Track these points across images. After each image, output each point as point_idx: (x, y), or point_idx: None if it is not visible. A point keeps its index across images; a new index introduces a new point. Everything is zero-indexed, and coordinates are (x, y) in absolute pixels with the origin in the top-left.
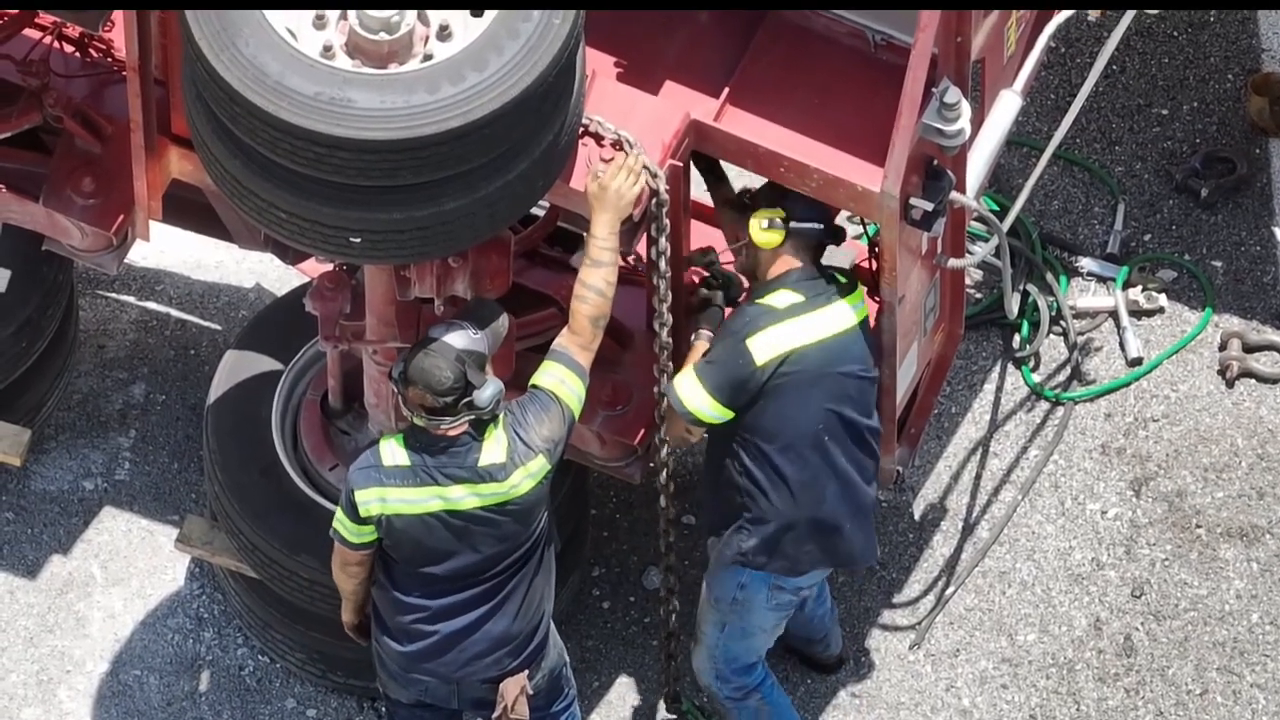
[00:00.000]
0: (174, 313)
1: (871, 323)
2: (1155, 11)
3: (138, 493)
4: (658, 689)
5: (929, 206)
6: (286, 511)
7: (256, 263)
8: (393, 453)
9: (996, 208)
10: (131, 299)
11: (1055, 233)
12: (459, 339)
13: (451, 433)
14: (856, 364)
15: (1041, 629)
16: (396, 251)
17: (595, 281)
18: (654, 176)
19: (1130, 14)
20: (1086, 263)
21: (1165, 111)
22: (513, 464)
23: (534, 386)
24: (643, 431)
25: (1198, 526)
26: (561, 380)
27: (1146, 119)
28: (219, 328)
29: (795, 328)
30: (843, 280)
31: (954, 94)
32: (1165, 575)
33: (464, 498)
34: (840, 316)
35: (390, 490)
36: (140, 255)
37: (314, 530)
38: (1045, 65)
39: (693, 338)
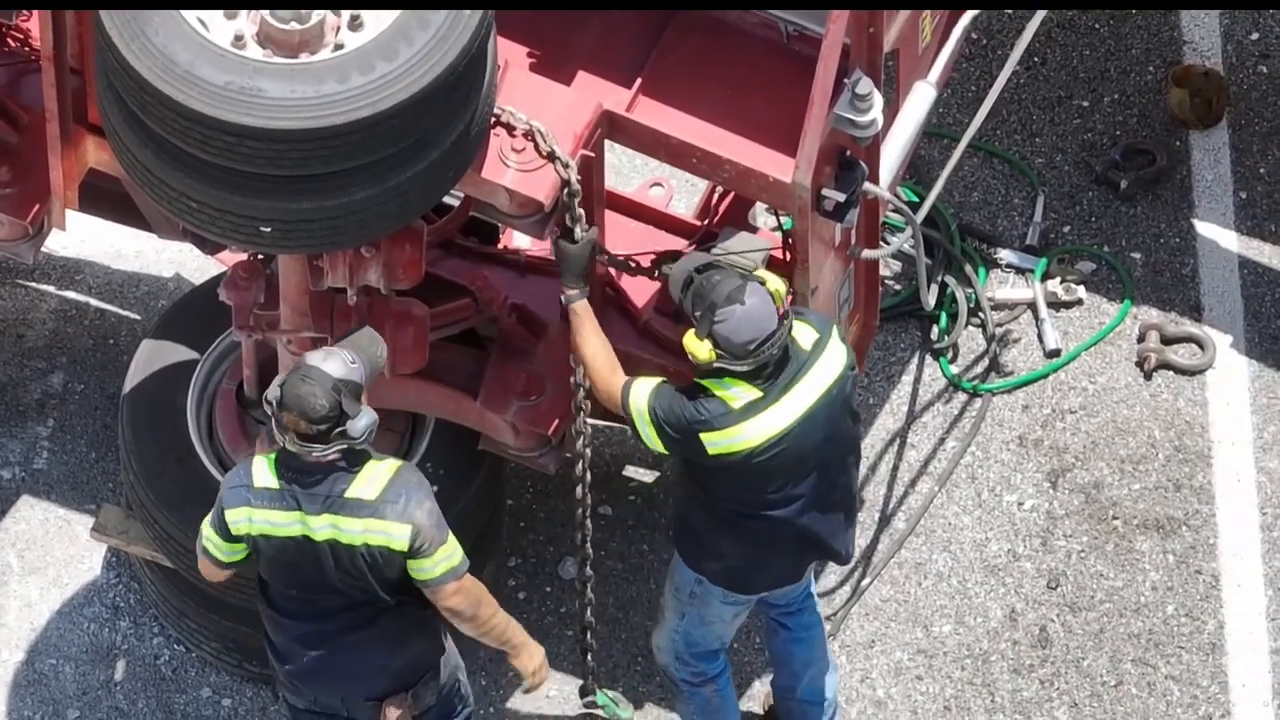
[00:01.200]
0: (93, 302)
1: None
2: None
3: (55, 482)
4: (573, 679)
5: (841, 198)
6: (201, 501)
7: (176, 252)
8: (263, 474)
9: (915, 199)
10: (51, 288)
11: (974, 224)
12: (336, 367)
13: (323, 460)
14: (821, 438)
15: (957, 620)
16: (307, 241)
17: None
18: (565, 166)
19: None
20: (1005, 254)
21: (1086, 103)
22: (379, 510)
23: None
24: (557, 422)
25: (1114, 518)
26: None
27: (1067, 111)
28: (138, 317)
29: (751, 428)
30: (809, 347)
31: (866, 85)
32: (1081, 567)
33: (324, 528)
34: (801, 401)
35: (257, 511)
36: (60, 244)
37: None
38: (965, 57)
39: (562, 299)
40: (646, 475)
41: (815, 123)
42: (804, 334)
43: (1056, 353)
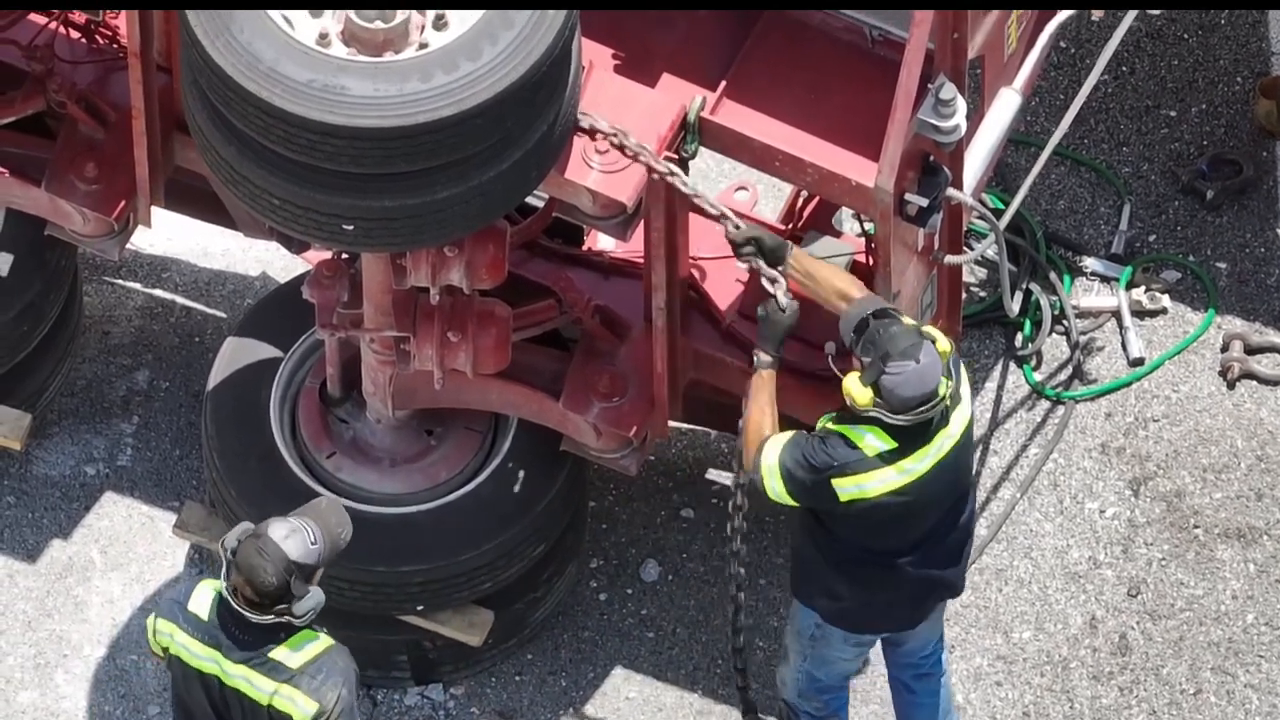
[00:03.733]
0: (179, 300)
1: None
2: (1159, 12)
3: (139, 479)
4: (653, 681)
5: (924, 202)
6: (283, 498)
7: (263, 251)
8: (201, 602)
9: (1001, 206)
10: (138, 285)
11: (1060, 232)
12: (294, 547)
13: (261, 624)
14: (948, 489)
15: (1037, 627)
16: (389, 239)
17: None
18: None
19: (1131, 14)
20: (1091, 262)
21: (1173, 113)
22: (295, 679)
23: None
24: (638, 423)
25: (1195, 527)
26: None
27: (1154, 120)
28: (224, 315)
29: (882, 476)
30: (945, 394)
31: (949, 90)
32: (1162, 575)
33: (238, 677)
34: (934, 454)
35: (179, 633)
36: (147, 242)
37: None
38: (1054, 65)
39: (755, 357)
40: (729, 478)
41: (898, 127)
42: (946, 380)
43: (1140, 361)
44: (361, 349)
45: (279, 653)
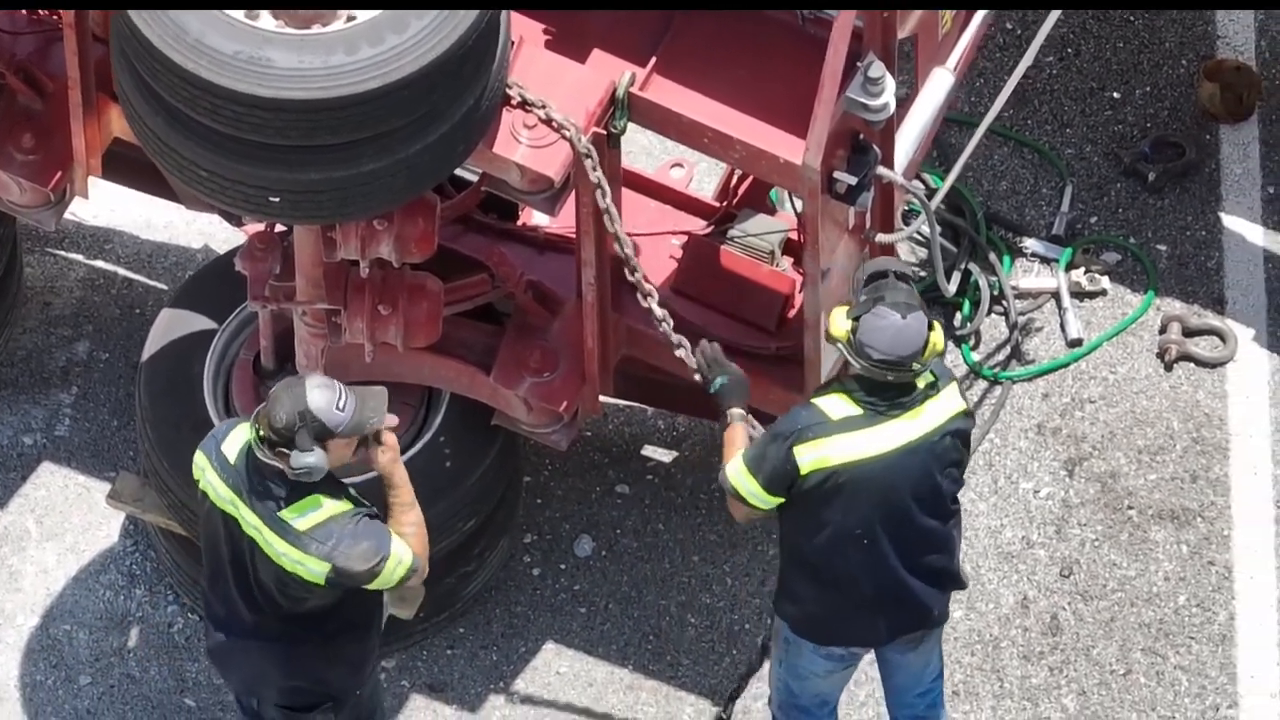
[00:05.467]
0: (121, 271)
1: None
2: None
3: (76, 449)
4: (585, 657)
5: (853, 180)
6: None
7: (206, 224)
8: (234, 445)
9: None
10: (80, 257)
11: (1002, 213)
12: (318, 399)
13: (270, 466)
14: (912, 480)
15: (969, 606)
16: (315, 212)
17: (415, 519)
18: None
19: None
20: (1031, 243)
21: (1118, 95)
22: (302, 542)
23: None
24: (569, 399)
25: (1129, 508)
26: (401, 545)
27: (1099, 102)
28: (165, 287)
29: (845, 443)
30: (921, 385)
31: (878, 69)
32: (1095, 555)
33: (253, 529)
34: (899, 433)
35: (210, 470)
36: (90, 214)
37: None
38: (1000, 46)
39: (726, 416)
40: (664, 455)
41: (825, 105)
42: (925, 375)
43: (1078, 342)
44: (294, 321)
45: (286, 513)
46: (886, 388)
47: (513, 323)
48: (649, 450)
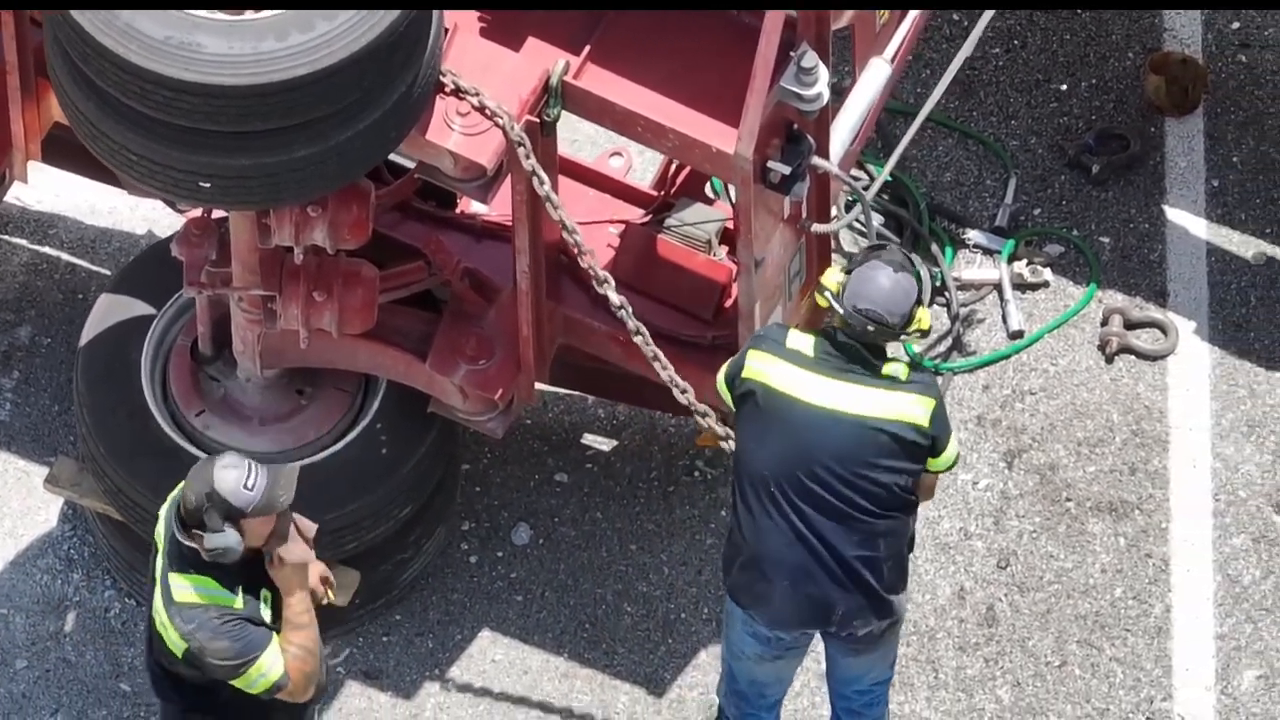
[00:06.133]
0: (65, 256)
1: (887, 412)
2: None
3: (16, 433)
4: (520, 645)
5: (787, 170)
6: (151, 455)
7: (150, 210)
8: (169, 505)
9: (889, 178)
10: (23, 241)
11: (945, 204)
12: (226, 480)
13: (179, 539)
14: (834, 449)
15: None
16: (247, 197)
17: (303, 641)
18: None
19: None
20: (973, 234)
21: (1064, 87)
22: (172, 613)
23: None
24: (504, 386)
25: (1068, 500)
26: (274, 659)
27: (1045, 94)
28: (109, 273)
29: (784, 370)
30: (892, 375)
31: (811, 58)
32: (1032, 547)
33: (158, 581)
34: (834, 395)
35: (160, 520)
36: (34, 199)
37: (178, 475)
38: (947, 38)
39: None
40: (604, 443)
41: (757, 95)
42: (894, 368)
43: (1019, 334)
44: (230, 307)
45: (174, 576)
46: (851, 351)
47: (449, 310)
48: (588, 439)
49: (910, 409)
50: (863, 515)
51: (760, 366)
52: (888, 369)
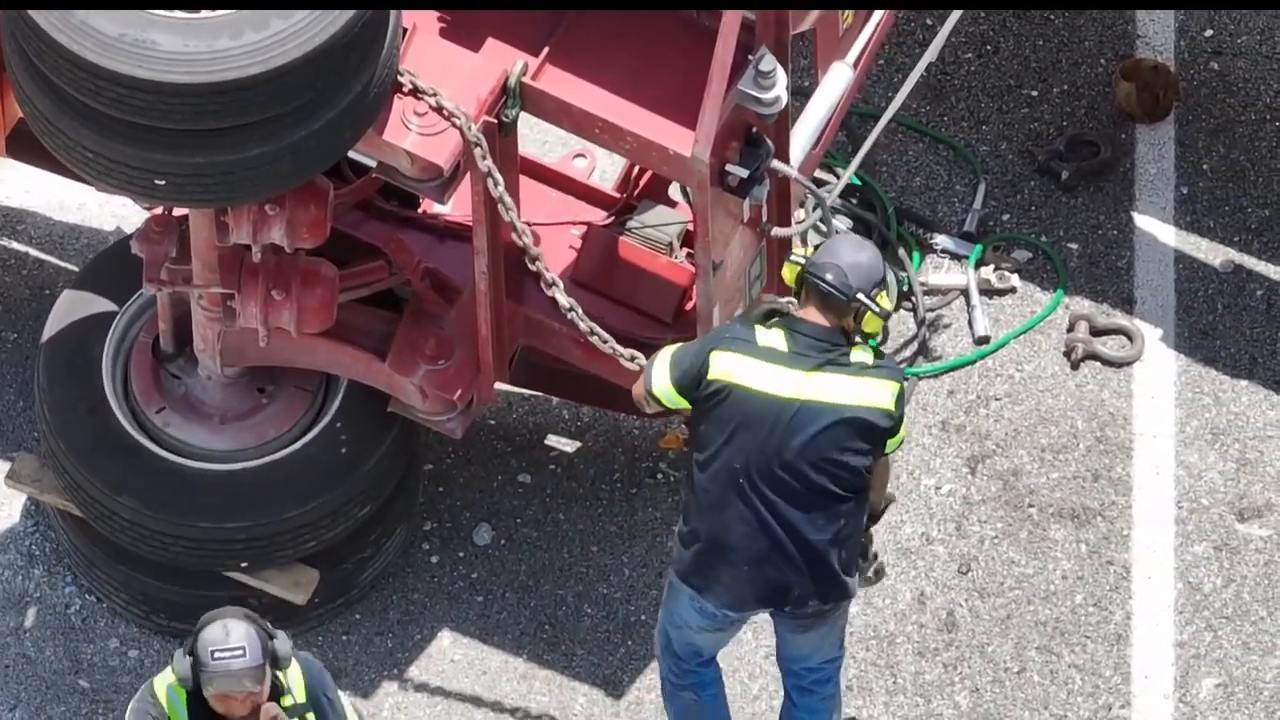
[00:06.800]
0: (33, 252)
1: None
2: None
3: None
4: (480, 646)
5: (744, 174)
6: (111, 452)
7: (118, 207)
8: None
9: (858, 182)
10: None
11: (914, 209)
12: (211, 634)
13: None
14: (805, 441)
15: (865, 601)
16: (201, 195)
17: None
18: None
19: None
20: (941, 239)
21: (1035, 93)
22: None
23: None
24: (463, 387)
25: (1030, 506)
26: None
27: (1016, 100)
28: (76, 269)
29: (755, 369)
30: (861, 361)
31: (769, 62)
32: (994, 553)
33: None
34: (810, 388)
35: None
36: (3, 194)
37: (137, 472)
38: (919, 42)
39: None
40: (567, 445)
41: (714, 98)
42: (861, 355)
43: (985, 339)
44: (192, 306)
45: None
46: (817, 333)
47: (410, 310)
48: (552, 440)
49: (880, 395)
50: (829, 500)
51: (728, 366)
52: (855, 355)
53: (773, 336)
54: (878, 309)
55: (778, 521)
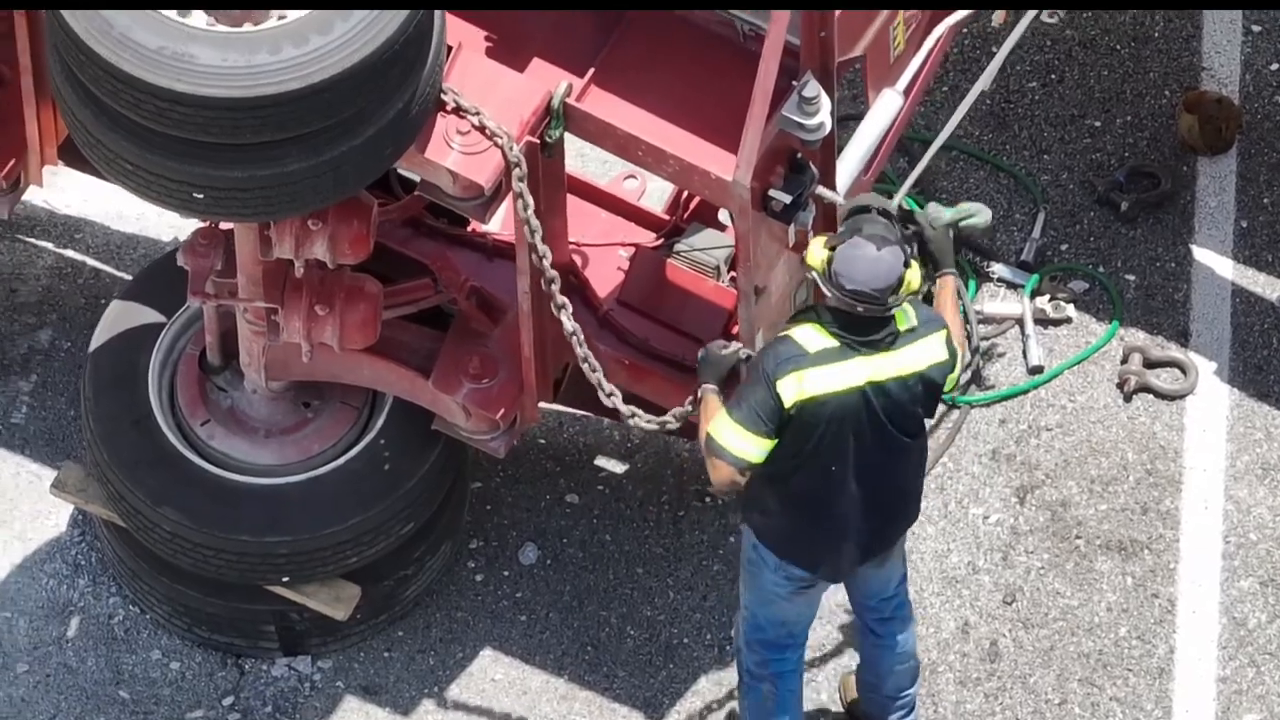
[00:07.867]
0: (89, 261)
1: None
2: (1093, 21)
3: (31, 437)
4: (521, 665)
5: (788, 199)
6: (154, 464)
7: (176, 217)
8: None
9: (916, 208)
10: (49, 245)
11: (973, 237)
12: None
13: None
14: (882, 418)
15: None
16: (240, 209)
17: None
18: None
19: (1028, 17)
20: (998, 268)
21: (1098, 123)
22: None
23: None
24: (506, 406)
25: (1077, 537)
26: None
27: (1078, 130)
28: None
29: (822, 375)
30: (901, 326)
31: (813, 88)
32: (1039, 584)
33: None
34: (872, 370)
35: None
36: (63, 203)
37: (180, 485)
38: (982, 69)
39: (698, 391)
40: (617, 466)
41: (755, 123)
42: (904, 317)
43: (1039, 369)
44: (237, 319)
45: None
46: (860, 322)
47: (455, 328)
48: (601, 461)
49: (936, 350)
50: (907, 449)
51: (798, 387)
52: (900, 320)
53: (814, 337)
54: (912, 294)
55: (870, 498)
